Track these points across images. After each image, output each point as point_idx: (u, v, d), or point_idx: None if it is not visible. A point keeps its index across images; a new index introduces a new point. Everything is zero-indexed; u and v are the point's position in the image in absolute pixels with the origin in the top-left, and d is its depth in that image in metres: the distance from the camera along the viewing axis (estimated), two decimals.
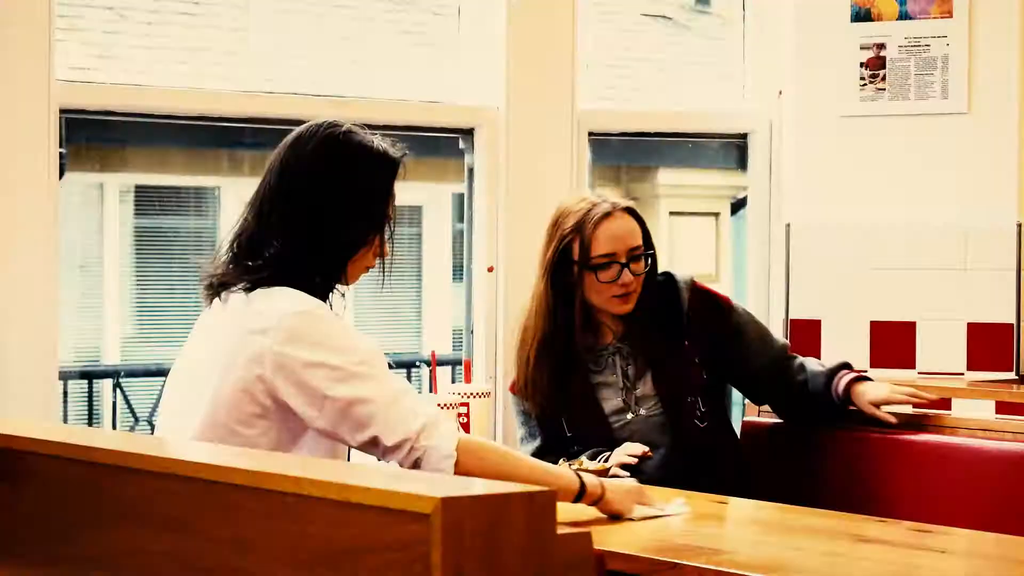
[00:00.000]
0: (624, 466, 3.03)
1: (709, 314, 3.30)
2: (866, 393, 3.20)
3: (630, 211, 3.28)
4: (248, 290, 2.46)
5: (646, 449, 3.09)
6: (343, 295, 2.58)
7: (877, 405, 3.18)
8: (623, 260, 3.23)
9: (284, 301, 2.43)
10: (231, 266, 2.51)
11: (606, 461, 3.05)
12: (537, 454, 3.20)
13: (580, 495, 2.48)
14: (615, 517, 2.53)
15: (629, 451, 3.08)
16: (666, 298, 3.30)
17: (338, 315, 2.52)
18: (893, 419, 3.17)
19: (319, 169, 2.52)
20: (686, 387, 3.24)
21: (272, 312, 2.41)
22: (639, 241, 3.26)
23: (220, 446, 2.36)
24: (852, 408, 3.21)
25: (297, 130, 2.58)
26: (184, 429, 2.46)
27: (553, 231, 3.29)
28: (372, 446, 2.38)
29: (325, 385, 2.36)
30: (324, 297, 2.51)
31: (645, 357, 3.26)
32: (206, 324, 2.56)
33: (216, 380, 2.43)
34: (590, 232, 3.23)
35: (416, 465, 2.35)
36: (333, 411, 2.37)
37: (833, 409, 3.23)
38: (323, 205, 2.50)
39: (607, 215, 3.24)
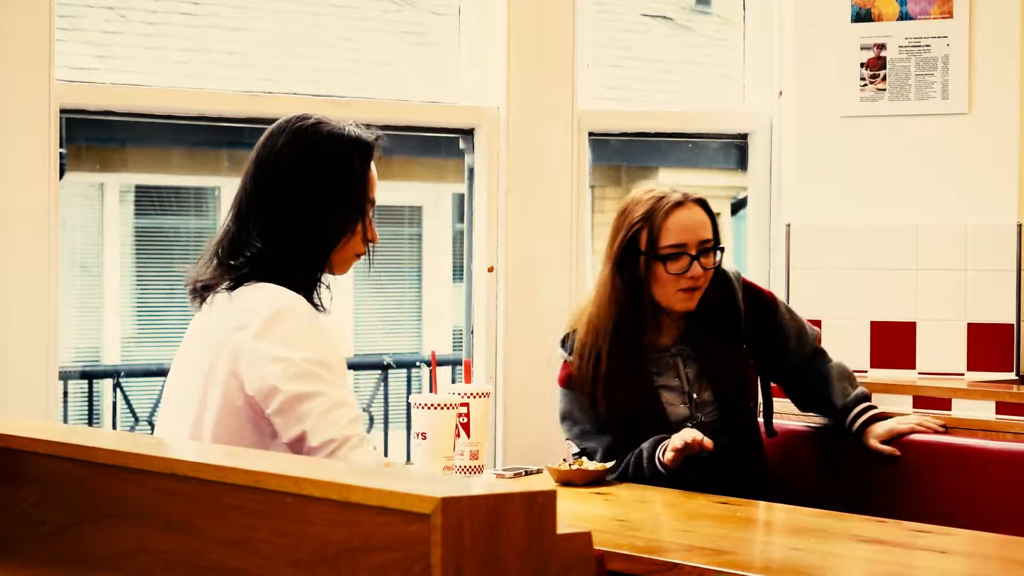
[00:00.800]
0: (675, 460, 2.97)
1: (758, 312, 3.23)
2: (873, 431, 3.22)
3: (701, 203, 3.17)
4: (231, 289, 2.47)
5: (707, 442, 2.96)
6: (328, 287, 2.57)
7: (883, 441, 3.20)
8: (693, 252, 3.10)
9: (264, 296, 2.44)
10: (215, 269, 2.52)
11: (664, 453, 2.99)
12: (609, 451, 3.11)
13: None
14: None
15: (690, 435, 2.97)
16: (723, 296, 3.19)
17: (327, 311, 2.53)
18: (897, 452, 3.18)
19: (291, 163, 2.51)
20: (746, 395, 3.19)
21: (251, 308, 2.43)
22: (710, 234, 3.13)
23: (220, 446, 2.36)
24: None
25: (268, 129, 2.57)
26: (178, 431, 2.48)
27: (621, 220, 3.16)
28: (298, 443, 2.38)
29: (279, 378, 2.37)
30: (309, 292, 2.51)
31: (706, 362, 3.16)
32: (198, 325, 2.57)
33: (200, 381, 2.45)
34: (660, 221, 3.10)
35: None
36: (279, 403, 2.38)
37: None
38: (299, 200, 2.50)
39: (678, 204, 3.12)
